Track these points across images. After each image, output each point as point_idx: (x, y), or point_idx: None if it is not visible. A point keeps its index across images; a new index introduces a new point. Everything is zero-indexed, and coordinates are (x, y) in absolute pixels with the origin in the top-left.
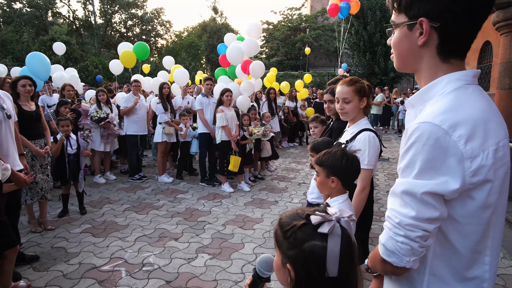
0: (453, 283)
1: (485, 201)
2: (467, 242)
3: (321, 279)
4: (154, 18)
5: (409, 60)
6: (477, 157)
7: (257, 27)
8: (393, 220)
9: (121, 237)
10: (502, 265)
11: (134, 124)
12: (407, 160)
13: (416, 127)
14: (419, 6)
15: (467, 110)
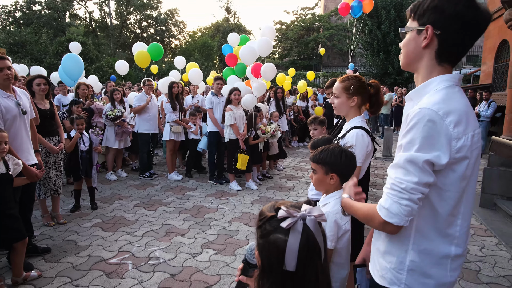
0: (432, 238)
1: (463, 173)
2: (445, 206)
3: (280, 271)
4: (168, 19)
5: (413, 59)
6: (461, 139)
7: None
8: (398, 186)
9: (130, 231)
10: (508, 266)
11: (145, 122)
12: (409, 137)
13: (418, 111)
14: (429, 16)
15: (455, 103)
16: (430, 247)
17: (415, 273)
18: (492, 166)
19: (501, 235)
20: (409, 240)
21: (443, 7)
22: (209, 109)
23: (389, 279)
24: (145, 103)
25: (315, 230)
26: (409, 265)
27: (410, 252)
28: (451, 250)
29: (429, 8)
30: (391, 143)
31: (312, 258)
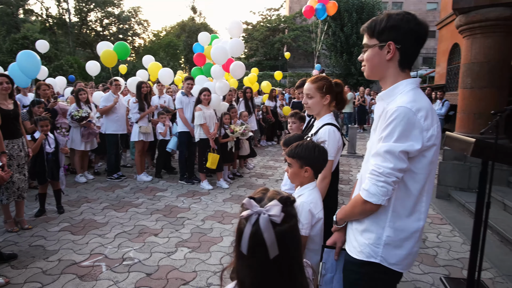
0: (405, 216)
1: (431, 158)
2: (417, 186)
3: (239, 252)
4: (131, 17)
5: (379, 70)
6: (430, 129)
7: (238, 25)
8: (377, 171)
9: (101, 234)
10: (461, 250)
11: (113, 123)
12: (388, 131)
13: (396, 109)
14: (388, 33)
15: (422, 101)
16: (404, 223)
17: (390, 246)
18: (447, 160)
19: (455, 222)
20: (386, 218)
21: (400, 26)
22: (179, 109)
23: (367, 253)
24: (113, 103)
25: (264, 228)
26: (385, 240)
27: (387, 229)
28: (420, 224)
29: (387, 27)
30: (355, 141)
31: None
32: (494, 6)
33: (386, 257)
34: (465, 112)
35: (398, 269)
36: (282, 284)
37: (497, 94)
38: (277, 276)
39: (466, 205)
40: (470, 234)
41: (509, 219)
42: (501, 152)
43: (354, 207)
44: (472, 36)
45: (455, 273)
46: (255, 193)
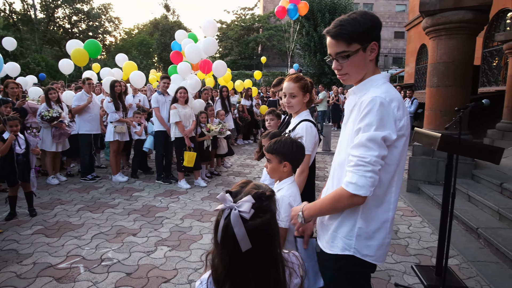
0: (375, 207)
1: (402, 149)
2: (388, 177)
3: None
4: (102, 14)
5: (361, 72)
6: (401, 120)
7: (213, 24)
8: (363, 160)
9: (77, 236)
10: (430, 239)
11: (87, 123)
12: (367, 121)
13: (371, 99)
14: (371, 35)
15: (394, 93)
16: (374, 214)
17: (362, 238)
18: (416, 156)
19: (424, 214)
20: (358, 210)
21: (376, 24)
22: (155, 108)
23: (340, 246)
24: (86, 102)
25: (234, 222)
26: (357, 232)
27: (359, 220)
28: (389, 215)
29: (368, 28)
30: (330, 138)
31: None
32: (457, 9)
33: (359, 249)
34: (432, 110)
35: (372, 261)
36: (251, 275)
37: (461, 92)
38: (245, 268)
39: (434, 198)
40: (438, 224)
41: (473, 210)
42: (464, 147)
43: (337, 202)
44: (438, 38)
45: (425, 261)
46: (234, 186)
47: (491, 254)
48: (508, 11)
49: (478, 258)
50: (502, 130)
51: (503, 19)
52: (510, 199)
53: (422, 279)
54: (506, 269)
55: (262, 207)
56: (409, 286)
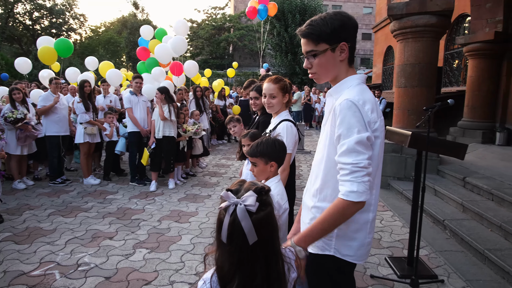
0: None
1: (378, 151)
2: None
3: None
4: (66, 11)
5: (332, 72)
6: (376, 122)
7: (184, 24)
8: (358, 166)
9: (49, 241)
10: (401, 232)
11: (54, 124)
12: (346, 125)
13: (344, 103)
14: (340, 35)
15: (368, 95)
16: (354, 215)
17: (342, 238)
18: (385, 153)
19: (395, 208)
20: None
21: (347, 24)
22: (128, 109)
23: (321, 246)
24: (53, 102)
25: (241, 217)
26: (337, 233)
27: None
28: (369, 216)
29: (336, 28)
30: (303, 138)
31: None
32: (422, 14)
33: (339, 249)
34: (400, 109)
35: (352, 260)
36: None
37: (426, 92)
38: (253, 261)
39: (404, 193)
40: (408, 218)
41: (439, 203)
42: (432, 144)
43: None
44: (405, 40)
45: (397, 253)
46: (232, 186)
47: (456, 244)
48: (467, 16)
49: (445, 248)
50: (463, 128)
51: (463, 23)
52: (472, 192)
53: (395, 269)
54: (470, 257)
55: (263, 201)
56: (384, 277)
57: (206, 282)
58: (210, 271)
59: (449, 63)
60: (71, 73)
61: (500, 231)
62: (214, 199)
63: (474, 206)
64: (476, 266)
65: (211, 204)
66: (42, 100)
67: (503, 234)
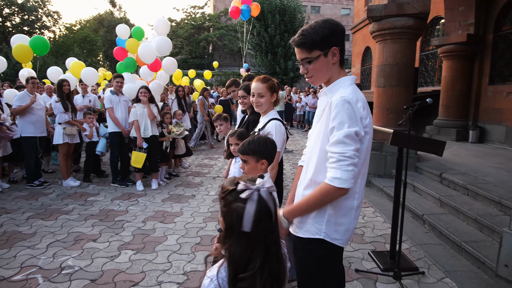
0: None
1: (367, 144)
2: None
3: (238, 231)
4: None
5: (326, 75)
6: (366, 118)
7: (165, 23)
8: (344, 155)
9: (30, 245)
10: (382, 227)
11: (30, 125)
12: (338, 120)
13: (340, 100)
14: (329, 41)
15: (359, 94)
16: (341, 202)
17: (331, 223)
18: None
19: (376, 205)
20: None
21: (336, 30)
22: (109, 109)
23: (312, 231)
24: (29, 102)
25: (267, 199)
26: (327, 218)
27: (328, 207)
28: (354, 203)
29: (326, 35)
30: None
31: (264, 220)
32: (400, 16)
33: (328, 233)
34: (379, 108)
35: (339, 244)
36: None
37: (404, 91)
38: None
39: (384, 189)
40: (388, 214)
41: (417, 198)
42: (413, 141)
43: (324, 197)
44: (384, 41)
45: (380, 247)
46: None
47: (435, 237)
48: (441, 18)
49: (425, 242)
50: (438, 126)
51: (437, 26)
52: (448, 187)
53: (379, 263)
54: (448, 249)
55: None
56: (368, 270)
57: (213, 279)
58: (214, 268)
59: (425, 64)
60: (52, 72)
61: (476, 224)
62: (199, 199)
63: (451, 201)
64: (454, 258)
65: (196, 204)
66: (17, 100)
67: (478, 226)
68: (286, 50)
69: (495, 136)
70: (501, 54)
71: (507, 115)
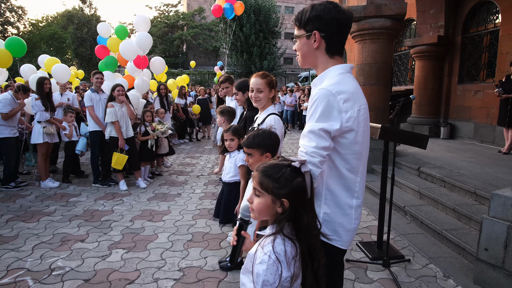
0: (339, 194)
1: (354, 139)
2: (346, 166)
3: (304, 200)
4: (1, 2)
5: (309, 58)
6: (348, 111)
7: (145, 20)
8: (302, 151)
9: (13, 248)
10: (367, 219)
11: (7, 126)
12: (311, 111)
13: (318, 92)
14: (313, 24)
15: (345, 85)
16: (338, 201)
17: (328, 223)
18: None
19: None
20: (321, 197)
21: (322, 15)
22: (89, 107)
23: None
24: (19, 107)
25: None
26: (323, 217)
27: (323, 206)
28: (353, 202)
29: (311, 18)
30: None
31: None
32: (378, 17)
33: (325, 233)
34: None
35: (338, 245)
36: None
37: (383, 89)
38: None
39: (366, 184)
40: (371, 207)
41: (398, 191)
42: (400, 135)
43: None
44: (363, 41)
45: (366, 238)
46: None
47: (416, 227)
48: (412, 21)
49: (408, 231)
50: (412, 123)
51: (409, 27)
52: (426, 180)
53: (367, 253)
54: (430, 238)
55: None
56: (358, 260)
57: (270, 255)
58: (267, 245)
59: (397, 64)
60: (26, 70)
61: (454, 214)
62: (185, 197)
63: (430, 193)
64: (435, 246)
65: (183, 202)
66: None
67: (456, 216)
68: (262, 50)
69: (464, 133)
70: (469, 55)
71: (475, 113)
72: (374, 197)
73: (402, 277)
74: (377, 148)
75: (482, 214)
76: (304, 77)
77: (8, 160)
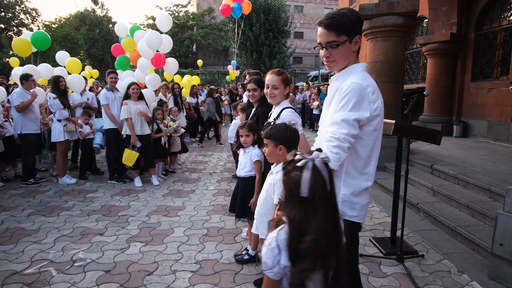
0: (356, 177)
1: (376, 126)
2: (365, 151)
3: (298, 197)
4: (16, 5)
5: (345, 61)
6: (376, 102)
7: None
8: (333, 136)
9: (36, 240)
10: (380, 216)
11: (32, 122)
12: (344, 102)
13: (350, 85)
14: (357, 29)
15: (370, 80)
16: (356, 183)
17: (346, 202)
18: None
19: (371, 196)
20: (340, 180)
21: (361, 20)
22: (105, 105)
23: None
24: (32, 98)
25: (321, 168)
26: (342, 197)
27: (342, 188)
28: (368, 184)
29: (355, 23)
30: None
31: (319, 187)
32: (390, 14)
33: (345, 211)
34: None
35: (357, 220)
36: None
37: (395, 87)
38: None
39: (378, 181)
40: (384, 204)
41: (411, 189)
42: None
43: None
44: (375, 39)
45: (379, 234)
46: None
47: (430, 224)
48: (424, 18)
49: (421, 228)
50: (424, 121)
51: (421, 25)
52: (439, 178)
53: (381, 248)
54: (443, 234)
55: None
56: (372, 255)
57: (273, 240)
58: (275, 231)
59: (409, 62)
60: (44, 69)
61: (468, 210)
62: (199, 194)
63: (443, 190)
64: (449, 242)
65: (197, 198)
66: (19, 97)
67: (470, 212)
68: (271, 49)
69: (477, 131)
70: (482, 52)
71: (489, 111)
72: (386, 194)
73: (416, 272)
74: (389, 146)
75: (497, 210)
76: (313, 76)
77: (28, 156)
